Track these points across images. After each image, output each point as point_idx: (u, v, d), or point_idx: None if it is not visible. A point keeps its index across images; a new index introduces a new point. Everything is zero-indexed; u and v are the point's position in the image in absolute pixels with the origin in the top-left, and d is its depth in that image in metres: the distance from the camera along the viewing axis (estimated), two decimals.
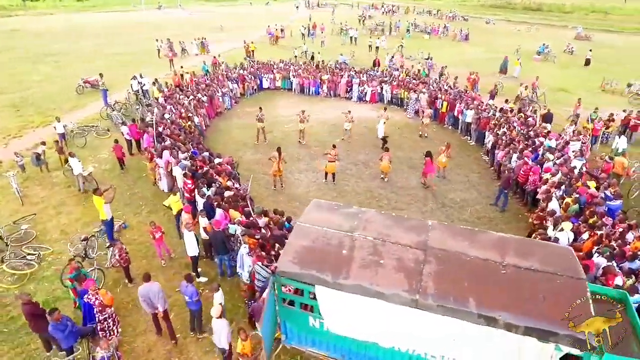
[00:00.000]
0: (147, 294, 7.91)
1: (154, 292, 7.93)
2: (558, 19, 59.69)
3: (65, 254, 10.93)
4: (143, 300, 7.98)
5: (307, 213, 7.51)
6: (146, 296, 7.93)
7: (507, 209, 13.17)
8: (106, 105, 20.16)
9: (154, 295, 7.94)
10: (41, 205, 13.18)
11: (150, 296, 7.93)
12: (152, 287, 7.93)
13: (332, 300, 6.41)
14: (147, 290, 7.91)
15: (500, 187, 12.99)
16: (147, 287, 7.92)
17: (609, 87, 25.38)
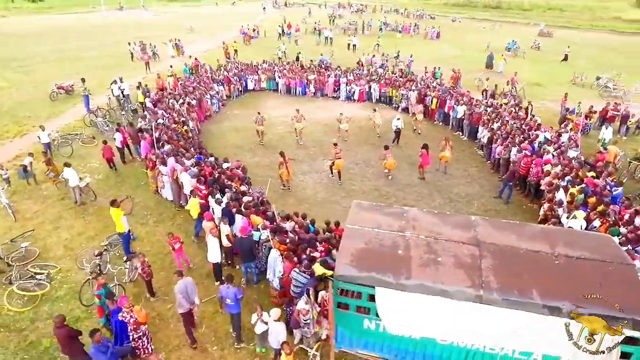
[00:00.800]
0: (184, 288, 7.97)
1: (190, 286, 8.09)
2: (519, 16, 62.36)
3: (74, 271, 10.37)
4: (182, 296, 7.96)
5: (352, 215, 7.46)
6: (184, 291, 7.97)
7: (511, 201, 13.63)
8: (89, 112, 19.18)
9: (190, 289, 8.08)
10: (36, 220, 12.39)
11: (188, 290, 8.03)
12: (187, 282, 8.10)
13: (392, 301, 6.40)
14: (184, 285, 8.00)
15: (505, 180, 13.41)
16: (183, 282, 8.03)
17: (579, 81, 26.81)
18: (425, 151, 14.28)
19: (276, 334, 7.39)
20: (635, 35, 47.98)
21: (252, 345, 8.47)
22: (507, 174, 13.34)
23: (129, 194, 13.81)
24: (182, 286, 7.97)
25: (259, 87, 24.91)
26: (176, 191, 12.78)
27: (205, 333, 8.78)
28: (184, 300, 7.99)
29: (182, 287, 7.96)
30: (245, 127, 19.59)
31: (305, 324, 7.68)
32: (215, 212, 10.66)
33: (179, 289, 7.95)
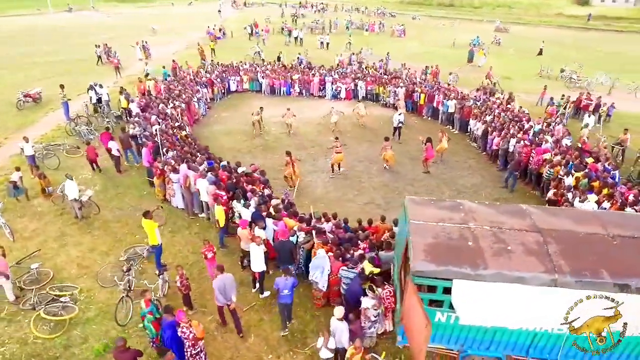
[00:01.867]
0: (222, 286, 8.03)
1: (229, 282, 8.12)
2: (471, 13, 65.17)
3: (96, 290, 9.73)
4: (219, 292, 8.05)
5: (412, 211, 7.52)
6: (222, 287, 8.04)
7: (515, 189, 14.28)
8: (69, 120, 17.96)
9: (229, 286, 8.12)
10: (37, 239, 11.46)
11: (227, 287, 8.07)
12: (226, 278, 8.12)
13: (469, 291, 6.54)
14: (223, 280, 8.05)
15: (510, 170, 14.01)
16: (222, 278, 8.07)
17: (544, 74, 28.48)
18: (430, 144, 14.64)
19: (340, 333, 7.30)
20: (578, 30, 51.61)
21: (308, 350, 8.35)
22: (512, 164, 13.94)
23: (135, 204, 13.14)
24: (221, 283, 8.04)
25: (241, 88, 24.39)
26: (189, 199, 12.28)
27: (255, 342, 8.53)
28: (220, 296, 8.13)
29: (221, 284, 8.04)
30: (238, 130, 19.18)
31: (373, 323, 7.66)
32: (243, 217, 10.36)
33: (217, 285, 8.05)
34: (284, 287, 8.23)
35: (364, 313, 7.80)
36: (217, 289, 8.07)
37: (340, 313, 7.17)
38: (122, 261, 10.42)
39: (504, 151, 15.29)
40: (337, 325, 7.25)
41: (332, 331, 7.33)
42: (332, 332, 7.34)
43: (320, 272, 8.75)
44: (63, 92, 18.00)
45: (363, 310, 7.80)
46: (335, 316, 7.23)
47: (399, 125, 17.29)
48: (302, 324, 8.95)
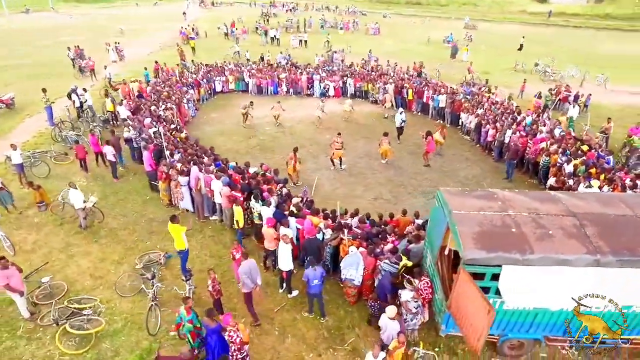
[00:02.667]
0: (248, 270, 8.25)
1: (254, 267, 8.38)
2: (438, 11, 66.74)
3: (116, 300, 9.34)
4: (246, 276, 8.24)
5: (452, 201, 7.66)
6: (248, 272, 8.24)
7: (513, 178, 14.77)
8: (53, 125, 17.06)
9: (254, 270, 8.36)
10: (40, 251, 10.84)
11: (252, 272, 8.29)
12: (250, 262, 8.41)
13: (516, 276, 6.75)
14: (248, 265, 8.30)
15: (507, 160, 14.44)
16: (247, 264, 8.32)
17: (519, 68, 29.64)
18: (430, 138, 14.91)
19: (391, 331, 7.32)
20: (539, 26, 53.87)
21: (348, 346, 8.34)
22: (509, 153, 14.39)
23: (139, 210, 12.69)
24: (247, 268, 8.26)
25: (227, 88, 23.96)
26: (199, 202, 11.96)
27: (293, 342, 8.43)
28: (248, 280, 8.28)
29: (247, 269, 8.26)
30: (232, 131, 18.86)
31: (414, 315, 7.75)
32: (264, 217, 10.20)
33: (244, 270, 8.24)
34: (313, 277, 8.34)
35: (405, 306, 7.87)
36: (244, 274, 8.25)
37: (393, 312, 7.20)
38: (139, 269, 10.02)
39: (499, 143, 15.82)
40: (388, 323, 7.28)
41: (382, 328, 7.35)
42: (382, 328, 7.36)
43: (355, 269, 8.74)
44: (46, 96, 17.07)
45: (404, 303, 7.87)
46: (387, 315, 7.25)
47: (401, 125, 17.37)
48: (337, 321, 8.93)
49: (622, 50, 37.71)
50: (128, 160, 15.63)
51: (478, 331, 6.28)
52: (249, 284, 8.32)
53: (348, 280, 8.93)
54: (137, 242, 11.27)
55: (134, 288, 9.55)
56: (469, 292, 6.49)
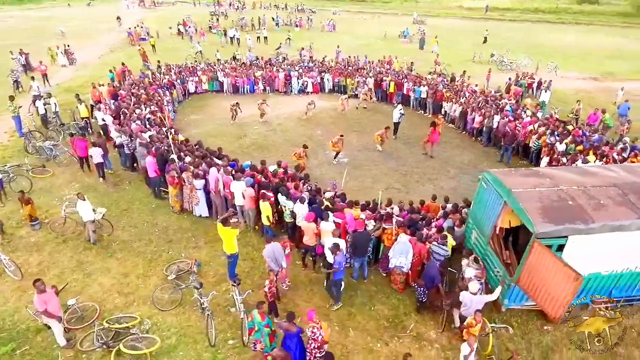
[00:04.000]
0: (272, 253, 8.53)
1: (278, 249, 8.62)
2: (384, 7, 68.66)
3: (158, 315, 8.70)
4: (270, 260, 8.54)
5: (507, 181, 7.99)
6: (271, 255, 8.53)
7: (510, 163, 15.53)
8: (23, 136, 15.44)
9: (279, 253, 8.61)
10: (50, 273, 9.81)
11: (276, 255, 8.55)
12: (275, 245, 8.64)
13: (580, 245, 7.22)
14: (272, 248, 8.55)
15: (504, 145, 15.25)
16: (271, 247, 8.55)
17: (477, 59, 31.37)
18: (433, 128, 15.33)
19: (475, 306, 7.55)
20: (478, 21, 57.19)
21: (411, 332, 8.44)
22: (506, 139, 15.17)
23: (149, 219, 11.89)
24: (270, 251, 8.51)
25: (201, 89, 23.02)
26: (220, 205, 11.44)
27: (357, 335, 8.35)
28: (273, 264, 8.56)
29: (270, 251, 8.51)
30: (220, 131, 18.23)
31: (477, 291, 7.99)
32: (298, 214, 10.00)
33: (267, 253, 8.52)
34: (339, 264, 8.41)
35: (467, 282, 8.11)
36: (268, 257, 8.54)
37: (475, 288, 7.40)
38: (172, 280, 9.40)
39: (488, 128, 16.68)
40: (472, 298, 7.49)
41: (466, 304, 7.51)
42: (465, 304, 7.52)
43: (404, 257, 8.84)
44: (13, 104, 15.36)
45: (467, 280, 8.11)
46: (470, 290, 7.44)
47: (399, 120, 17.64)
48: (392, 309, 8.99)
49: (559, 41, 41.19)
50: (118, 168, 14.59)
51: (560, 299, 6.64)
52: (274, 267, 8.59)
53: (397, 267, 9.01)
54: (157, 253, 10.55)
55: (173, 300, 8.95)
56: (546, 263, 6.83)
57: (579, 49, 37.62)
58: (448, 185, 13.99)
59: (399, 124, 17.69)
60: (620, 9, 62.65)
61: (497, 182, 8.13)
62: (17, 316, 8.56)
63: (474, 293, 7.50)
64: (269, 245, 8.57)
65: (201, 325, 8.40)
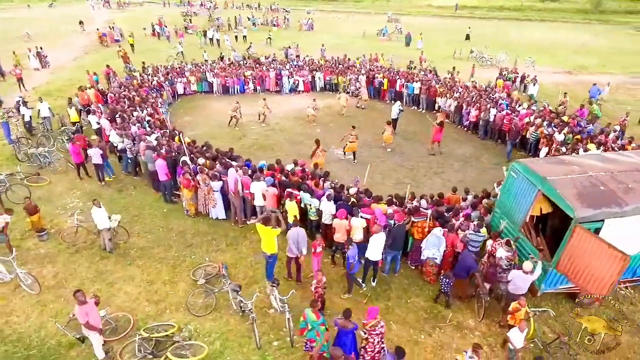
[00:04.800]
0: (296, 237, 8.77)
1: (302, 234, 8.88)
2: (356, 6, 69.31)
3: (195, 321, 8.42)
4: (293, 243, 8.79)
5: (540, 169, 8.26)
6: (295, 238, 8.77)
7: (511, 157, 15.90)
8: (12, 143, 14.58)
9: (302, 238, 8.84)
10: (69, 285, 9.30)
11: (299, 239, 8.78)
12: (299, 230, 8.89)
13: (614, 227, 7.56)
14: (296, 232, 8.79)
15: (509, 141, 15.54)
16: (296, 231, 8.79)
17: (457, 56, 32.18)
18: (441, 128, 15.48)
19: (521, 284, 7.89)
20: (450, 19, 58.80)
21: (451, 322, 8.57)
22: (512, 134, 15.44)
23: (163, 225, 11.50)
24: (294, 234, 8.77)
25: (189, 90, 22.47)
26: (239, 206, 11.21)
27: (400, 329, 8.41)
28: (293, 246, 8.84)
29: (294, 235, 8.77)
30: (218, 133, 17.90)
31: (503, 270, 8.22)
32: (326, 211, 9.97)
33: (291, 235, 8.77)
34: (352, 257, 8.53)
35: (498, 262, 8.36)
36: (291, 240, 8.77)
37: (529, 267, 7.69)
38: (202, 285, 9.14)
39: (485, 122, 17.16)
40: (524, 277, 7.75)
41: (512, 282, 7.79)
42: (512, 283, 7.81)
43: (437, 249, 8.97)
44: (0, 111, 14.47)
45: (497, 260, 8.36)
46: (524, 269, 7.72)
47: (397, 117, 17.78)
48: (427, 300, 9.11)
49: (528, 37, 42.89)
50: (119, 174, 14.05)
51: (605, 279, 6.92)
52: (294, 250, 8.87)
53: (430, 259, 9.13)
54: (180, 258, 10.23)
55: (207, 305, 8.71)
56: (589, 246, 7.11)
57: (547, 44, 39.30)
58: (455, 178, 14.29)
59: (397, 119, 17.88)
60: (579, 6, 66.11)
61: (529, 172, 8.40)
62: (43, 332, 8.10)
63: (527, 272, 7.70)
64: (294, 229, 8.85)
65: (241, 329, 8.23)
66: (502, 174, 14.05)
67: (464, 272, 8.77)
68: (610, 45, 39.07)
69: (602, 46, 38.78)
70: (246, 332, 8.17)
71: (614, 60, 32.56)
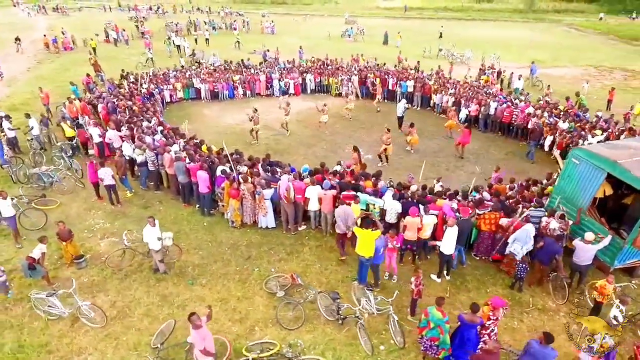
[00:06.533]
0: (344, 214, 9.43)
1: (349, 212, 9.42)
2: (308, 9, 69.47)
3: (290, 335, 8.02)
4: (341, 220, 9.43)
5: (608, 154, 8.74)
6: (343, 216, 9.41)
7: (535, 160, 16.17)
8: (6, 164, 12.99)
9: (349, 215, 9.41)
10: (134, 314, 8.51)
11: (347, 215, 9.39)
12: (347, 208, 9.46)
13: None
14: (344, 210, 9.46)
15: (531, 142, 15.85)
16: (343, 209, 9.48)
17: (427, 54, 33.42)
18: (467, 130, 15.73)
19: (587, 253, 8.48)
20: (401, 20, 60.76)
21: (536, 306, 8.88)
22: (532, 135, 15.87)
23: (209, 239, 10.83)
24: (342, 212, 9.44)
25: (176, 97, 21.33)
26: (291, 213, 10.81)
27: None
28: (341, 223, 9.48)
29: (342, 212, 9.44)
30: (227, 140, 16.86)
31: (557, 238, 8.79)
32: (393, 210, 9.95)
33: (338, 212, 9.49)
34: (380, 246, 8.66)
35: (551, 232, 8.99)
36: (339, 217, 9.46)
37: (591, 237, 8.30)
38: (284, 297, 8.72)
39: (484, 115, 18.01)
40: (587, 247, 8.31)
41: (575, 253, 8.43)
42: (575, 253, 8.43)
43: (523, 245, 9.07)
44: None
45: (551, 231, 8.95)
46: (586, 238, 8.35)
47: (403, 115, 17.99)
48: (505, 289, 9.34)
49: (479, 35, 45.48)
50: (137, 189, 13.04)
51: None
52: (342, 226, 9.47)
53: (512, 253, 9.28)
54: (244, 273, 9.68)
55: (297, 317, 8.33)
56: None
57: (499, 41, 41.87)
58: (478, 170, 14.83)
59: (402, 117, 18.21)
60: (513, 7, 71.34)
61: (595, 157, 8.93)
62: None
63: (588, 241, 8.19)
64: (342, 207, 9.48)
65: (341, 337, 7.96)
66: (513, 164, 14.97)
67: (548, 258, 8.98)
68: (554, 41, 42.49)
69: (547, 42, 42.07)
70: (346, 339, 7.94)
71: (563, 55, 35.47)
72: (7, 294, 8.78)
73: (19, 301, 8.71)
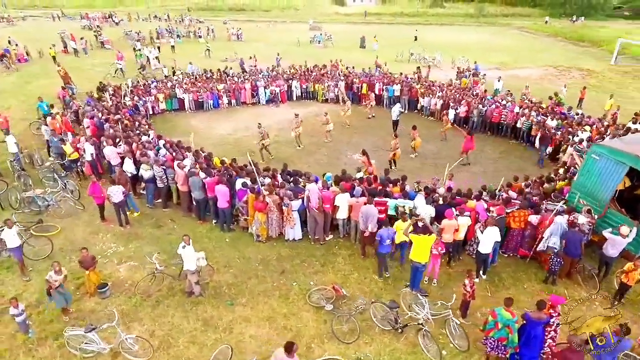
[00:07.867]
0: (367, 213, 9.63)
1: (372, 213, 9.64)
2: (267, 16, 69.10)
3: (350, 349, 7.84)
4: (363, 220, 9.71)
5: (629, 150, 9.27)
6: (366, 215, 9.63)
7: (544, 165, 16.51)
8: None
9: (372, 215, 9.62)
10: (179, 342, 7.95)
11: (368, 216, 9.62)
12: (370, 208, 9.65)
13: None
14: (367, 209, 9.65)
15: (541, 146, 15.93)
16: (367, 208, 9.66)
17: (399, 58, 34.18)
18: (470, 137, 15.85)
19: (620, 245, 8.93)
20: (362, 25, 61.67)
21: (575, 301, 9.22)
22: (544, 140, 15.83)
23: (232, 255, 10.33)
24: (366, 210, 9.68)
25: (158, 109, 20.38)
26: (321, 223, 10.58)
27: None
28: (362, 222, 9.79)
29: (366, 210, 9.68)
30: (225, 151, 16.44)
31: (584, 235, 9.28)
32: (427, 215, 9.99)
33: (364, 211, 9.70)
34: (386, 237, 9.04)
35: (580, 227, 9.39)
36: (363, 216, 9.70)
37: (626, 230, 8.66)
38: (334, 310, 8.50)
39: (478, 117, 18.62)
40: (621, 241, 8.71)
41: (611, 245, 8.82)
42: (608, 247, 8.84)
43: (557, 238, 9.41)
44: None
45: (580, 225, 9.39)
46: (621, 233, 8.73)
47: (398, 119, 18.16)
48: (539, 283, 9.62)
49: (439, 38, 47.07)
50: (144, 208, 12.27)
51: None
52: (362, 225, 9.83)
53: (550, 248, 9.52)
54: (283, 289, 9.33)
55: (352, 330, 8.13)
56: None
57: (459, 45, 43.53)
58: (479, 170, 15.30)
59: (397, 122, 18.44)
60: (464, 12, 74.78)
61: (616, 152, 9.43)
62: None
63: (624, 235, 8.67)
64: (366, 206, 9.68)
65: (400, 346, 7.87)
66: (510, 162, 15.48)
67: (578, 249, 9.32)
68: (510, 44, 44.89)
69: (504, 44, 44.34)
70: (406, 347, 7.86)
71: (522, 57, 37.50)
72: (27, 334, 7.93)
73: (43, 340, 7.89)
